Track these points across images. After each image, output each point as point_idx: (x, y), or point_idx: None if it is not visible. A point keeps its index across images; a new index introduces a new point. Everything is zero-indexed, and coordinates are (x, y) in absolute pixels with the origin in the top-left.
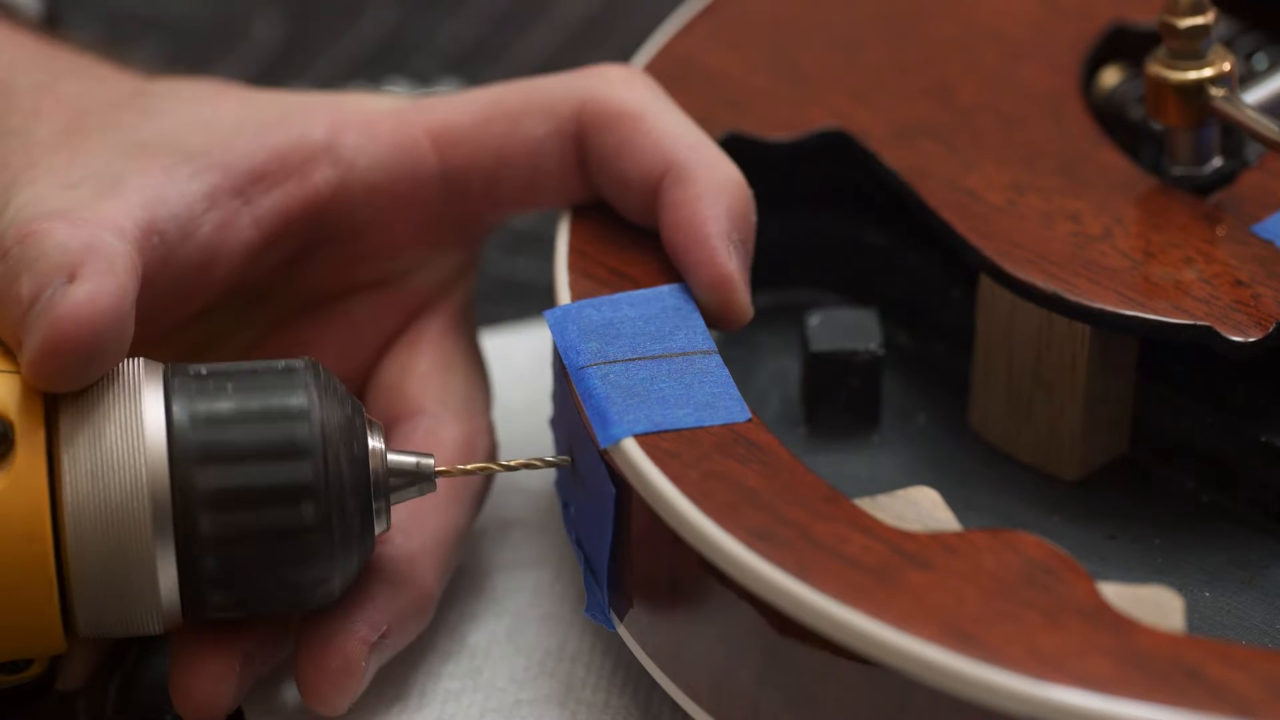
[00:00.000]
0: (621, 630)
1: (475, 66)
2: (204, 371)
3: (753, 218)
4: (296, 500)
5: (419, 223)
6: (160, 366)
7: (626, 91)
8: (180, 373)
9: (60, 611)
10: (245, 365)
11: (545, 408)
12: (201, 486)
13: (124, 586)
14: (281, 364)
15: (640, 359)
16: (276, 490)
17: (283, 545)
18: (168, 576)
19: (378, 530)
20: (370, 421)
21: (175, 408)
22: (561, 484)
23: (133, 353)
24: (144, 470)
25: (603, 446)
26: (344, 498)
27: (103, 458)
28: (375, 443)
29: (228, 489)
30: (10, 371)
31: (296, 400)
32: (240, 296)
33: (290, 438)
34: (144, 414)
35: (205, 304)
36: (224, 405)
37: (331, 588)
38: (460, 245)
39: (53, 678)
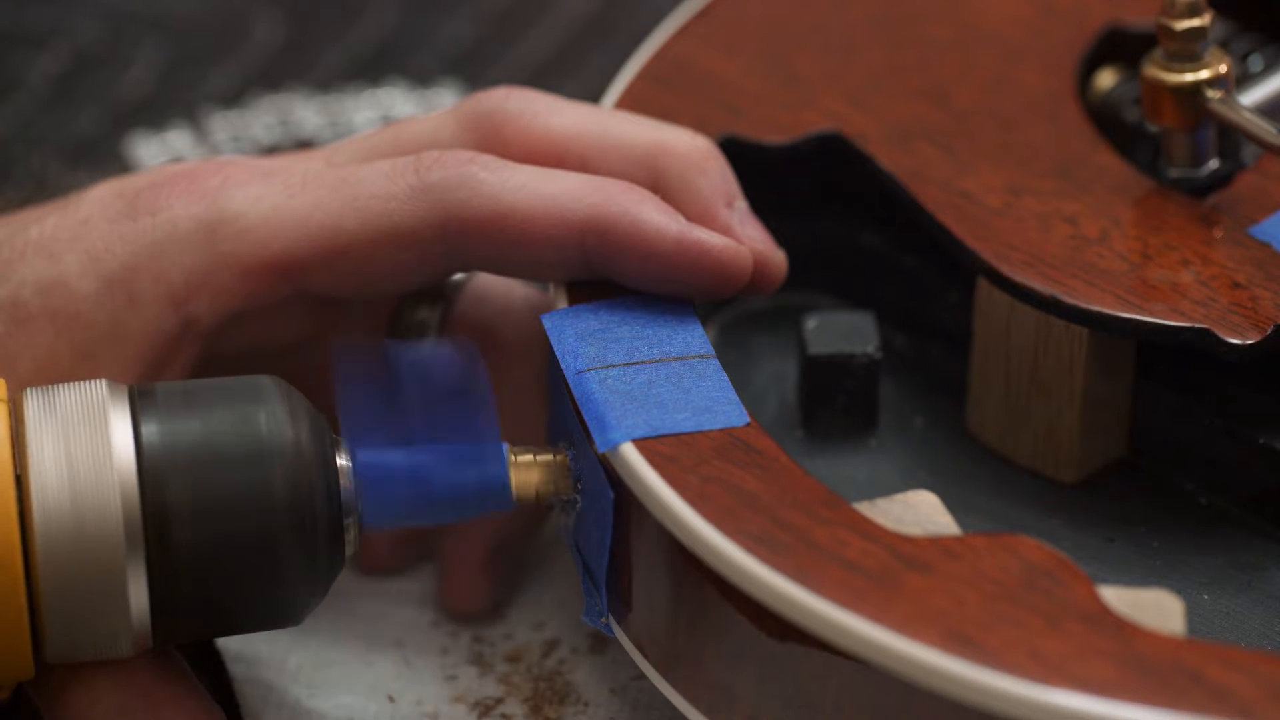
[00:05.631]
0: (620, 635)
1: (475, 66)
2: (171, 390)
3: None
4: (267, 517)
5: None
6: (124, 387)
7: (485, 191)
8: (146, 392)
9: (30, 638)
10: (212, 382)
11: None
12: (172, 504)
13: (96, 610)
14: (247, 381)
15: (638, 363)
16: (247, 506)
17: (253, 562)
18: (139, 598)
19: (346, 550)
20: (336, 439)
21: (144, 427)
22: None
23: None
24: (115, 490)
25: (601, 451)
26: (315, 514)
27: (72, 479)
28: (342, 460)
29: (198, 507)
30: None
31: (264, 416)
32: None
33: (259, 454)
34: (112, 434)
35: None
36: (192, 423)
37: (299, 606)
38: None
39: (16, 704)
